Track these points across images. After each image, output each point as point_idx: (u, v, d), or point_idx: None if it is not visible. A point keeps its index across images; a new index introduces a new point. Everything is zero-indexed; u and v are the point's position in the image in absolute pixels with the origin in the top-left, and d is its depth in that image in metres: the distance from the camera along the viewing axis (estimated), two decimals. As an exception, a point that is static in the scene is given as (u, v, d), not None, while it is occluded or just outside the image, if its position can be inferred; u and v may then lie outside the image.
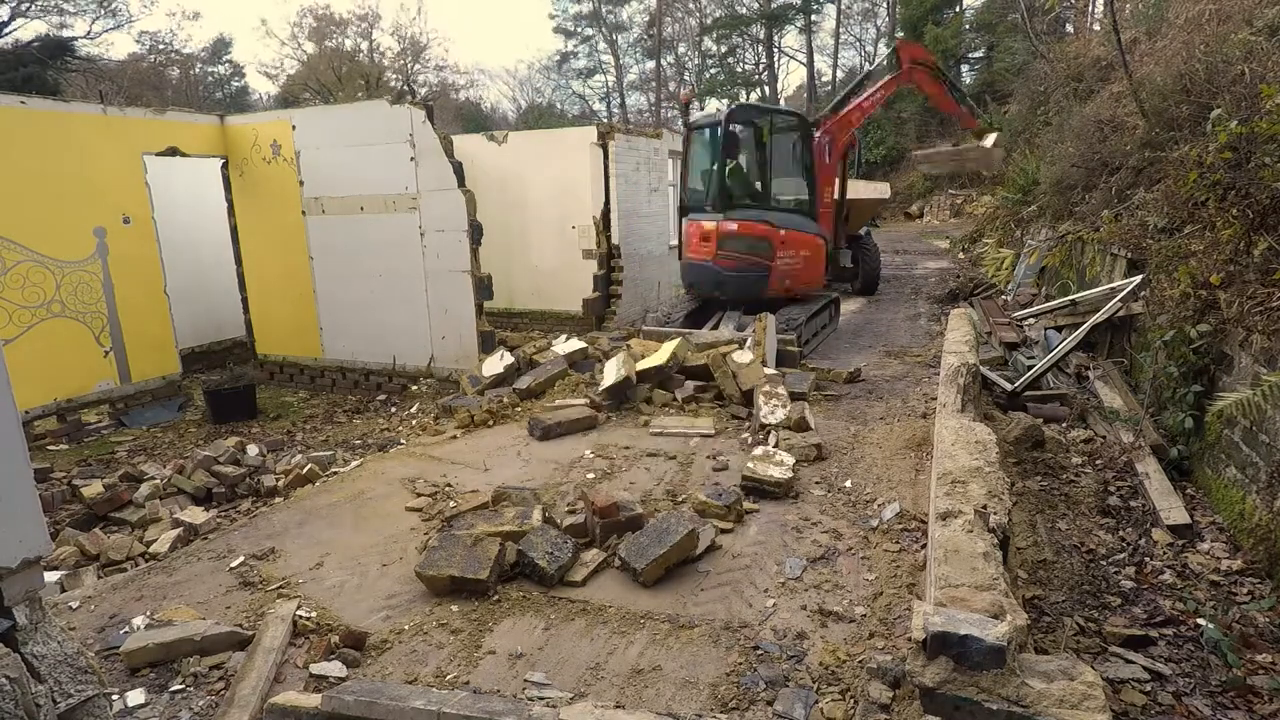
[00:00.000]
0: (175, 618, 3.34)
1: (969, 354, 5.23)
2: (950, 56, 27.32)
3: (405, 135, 7.72)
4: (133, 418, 7.88)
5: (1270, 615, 3.34)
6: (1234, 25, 6.63)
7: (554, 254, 10.87)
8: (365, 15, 35.05)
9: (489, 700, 2.64)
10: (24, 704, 1.66)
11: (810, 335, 8.48)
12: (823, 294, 9.45)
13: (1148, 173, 7.17)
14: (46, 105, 7.39)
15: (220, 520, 5.28)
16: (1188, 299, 5.00)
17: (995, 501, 2.89)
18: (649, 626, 3.24)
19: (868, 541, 3.91)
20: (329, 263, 8.54)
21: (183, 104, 22.85)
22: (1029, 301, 9.44)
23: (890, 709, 2.49)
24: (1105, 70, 11.12)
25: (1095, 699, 1.88)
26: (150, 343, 8.14)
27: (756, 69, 41.50)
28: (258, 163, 8.67)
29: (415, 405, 7.74)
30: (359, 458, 6.18)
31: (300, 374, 9.18)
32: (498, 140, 11.10)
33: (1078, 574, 3.79)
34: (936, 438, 3.81)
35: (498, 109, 40.83)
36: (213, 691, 2.92)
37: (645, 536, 3.69)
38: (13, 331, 6.97)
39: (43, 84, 19.80)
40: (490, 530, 3.88)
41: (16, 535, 1.68)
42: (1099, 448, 5.30)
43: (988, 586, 2.28)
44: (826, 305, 9.46)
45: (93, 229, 7.59)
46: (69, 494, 5.68)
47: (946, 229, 21.87)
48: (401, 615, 3.41)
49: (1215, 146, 5.01)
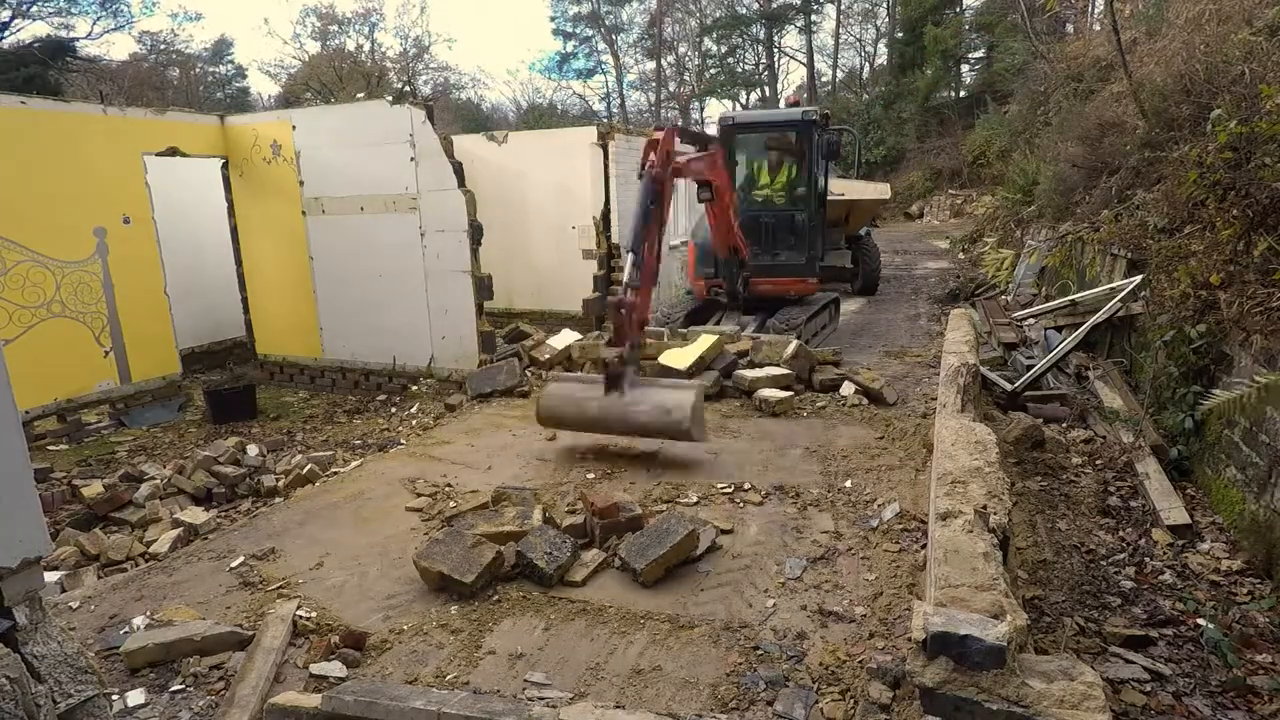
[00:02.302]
0: (175, 618, 3.34)
1: (969, 354, 5.23)
2: (950, 57, 27.34)
3: (405, 135, 7.71)
4: (133, 418, 7.87)
5: (1270, 615, 3.34)
6: (1234, 25, 6.63)
7: (554, 254, 10.86)
8: (368, 14, 34.94)
9: (489, 700, 2.64)
10: (24, 704, 1.66)
11: (810, 335, 8.48)
12: (821, 294, 9.42)
13: (1148, 173, 7.17)
14: (47, 105, 7.39)
15: (220, 520, 5.28)
16: (1188, 299, 5.01)
17: (995, 501, 2.88)
18: (649, 627, 3.24)
19: (868, 541, 3.91)
20: (329, 263, 8.53)
21: (183, 104, 22.86)
22: (1029, 301, 9.45)
23: (890, 709, 2.49)
24: (1105, 70, 11.13)
25: (1095, 699, 1.88)
26: (150, 343, 8.13)
27: (756, 69, 41.50)
28: (258, 163, 8.66)
29: (415, 405, 7.74)
30: (359, 458, 6.18)
31: (300, 374, 9.17)
32: (498, 140, 11.10)
33: (1078, 574, 3.79)
34: (936, 438, 3.81)
35: (498, 109, 40.84)
36: (213, 691, 2.92)
37: (645, 537, 3.69)
38: (13, 331, 6.97)
39: (44, 84, 19.81)
40: (490, 530, 3.88)
41: (16, 535, 1.68)
42: (1099, 448, 5.30)
43: (988, 586, 2.28)
44: (826, 305, 9.41)
45: (93, 229, 7.58)
46: (69, 494, 5.68)
47: (946, 229, 21.87)
48: (401, 615, 3.41)
49: (1215, 146, 5.01)
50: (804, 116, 8.80)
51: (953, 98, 28.98)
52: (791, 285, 8.92)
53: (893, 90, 30.23)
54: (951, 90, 29.44)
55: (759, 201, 9.17)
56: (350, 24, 34.88)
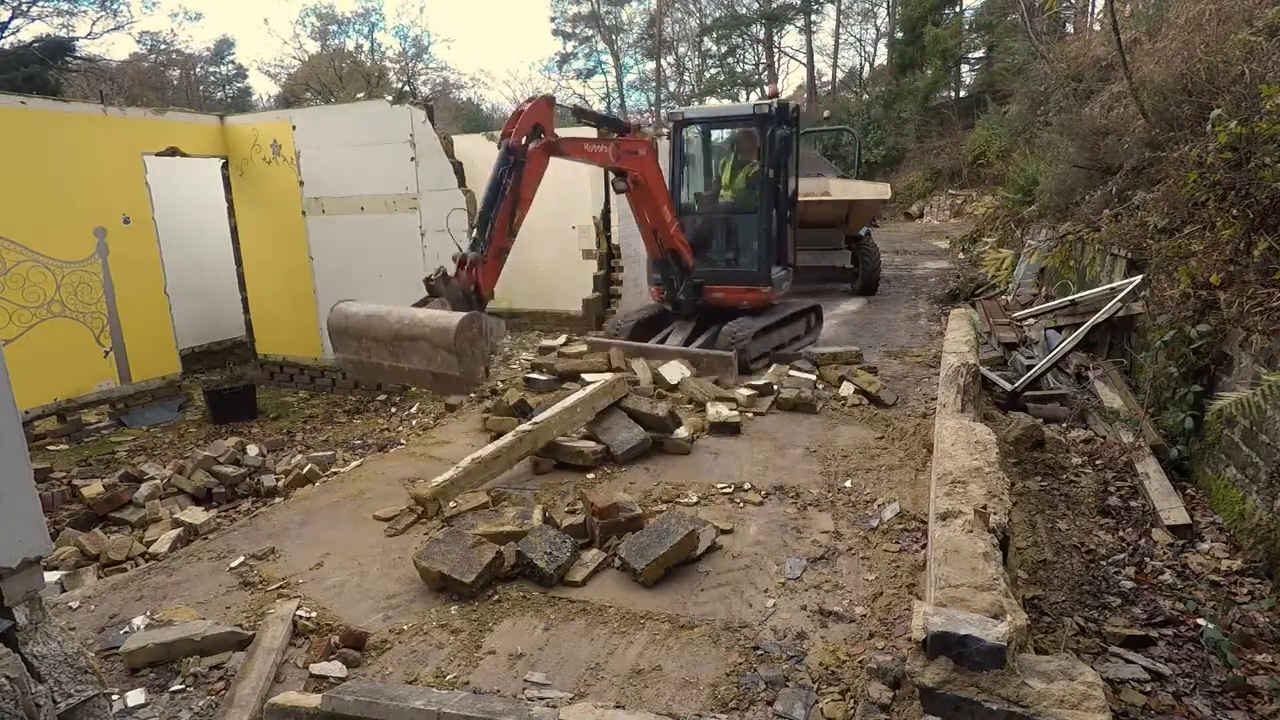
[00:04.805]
0: (175, 618, 3.34)
1: (969, 354, 5.23)
2: (950, 57, 27.32)
3: (405, 135, 7.71)
4: (133, 418, 7.88)
5: (1270, 615, 3.34)
6: (1234, 25, 6.63)
7: (554, 254, 10.86)
8: (367, 13, 35.07)
9: (489, 700, 2.64)
10: (24, 704, 1.66)
11: (773, 348, 7.73)
12: (795, 301, 8.61)
13: (1148, 173, 7.17)
14: (47, 105, 7.40)
15: (220, 520, 5.28)
16: (1188, 299, 5.01)
17: (995, 501, 2.89)
18: (649, 626, 3.23)
19: (868, 541, 3.91)
20: (329, 263, 8.54)
21: (184, 104, 22.88)
22: (1029, 301, 9.44)
23: (890, 709, 2.49)
24: (1105, 70, 11.13)
25: (1095, 699, 1.88)
26: (150, 343, 8.14)
27: (756, 69, 41.50)
28: (258, 163, 8.67)
29: (415, 405, 7.74)
30: (359, 458, 6.18)
31: (300, 374, 9.17)
32: (498, 140, 11.09)
33: (1078, 574, 3.79)
34: (936, 438, 3.81)
35: (498, 109, 40.85)
36: (213, 691, 2.92)
37: (645, 537, 3.69)
38: (13, 331, 6.97)
39: (44, 84, 19.80)
40: (490, 530, 3.88)
41: (16, 535, 1.68)
42: (1099, 448, 5.30)
43: (988, 586, 2.28)
44: (800, 314, 8.53)
45: (93, 229, 7.59)
46: (69, 494, 5.68)
47: (946, 229, 21.86)
48: (401, 615, 3.41)
49: (1215, 146, 5.01)
50: (755, 110, 7.97)
51: (953, 98, 28.96)
52: (743, 295, 7.95)
53: (892, 90, 30.21)
54: (951, 90, 29.43)
55: (714, 204, 8.42)
56: (350, 24, 34.94)
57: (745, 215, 8.06)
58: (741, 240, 8.08)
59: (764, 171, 7.85)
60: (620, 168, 6.70)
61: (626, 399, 5.44)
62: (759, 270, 7.91)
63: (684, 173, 8.37)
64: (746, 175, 8.18)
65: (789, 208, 8.24)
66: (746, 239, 8.03)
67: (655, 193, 7.11)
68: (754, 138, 7.98)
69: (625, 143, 6.68)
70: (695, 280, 7.88)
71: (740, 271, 8.03)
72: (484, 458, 4.65)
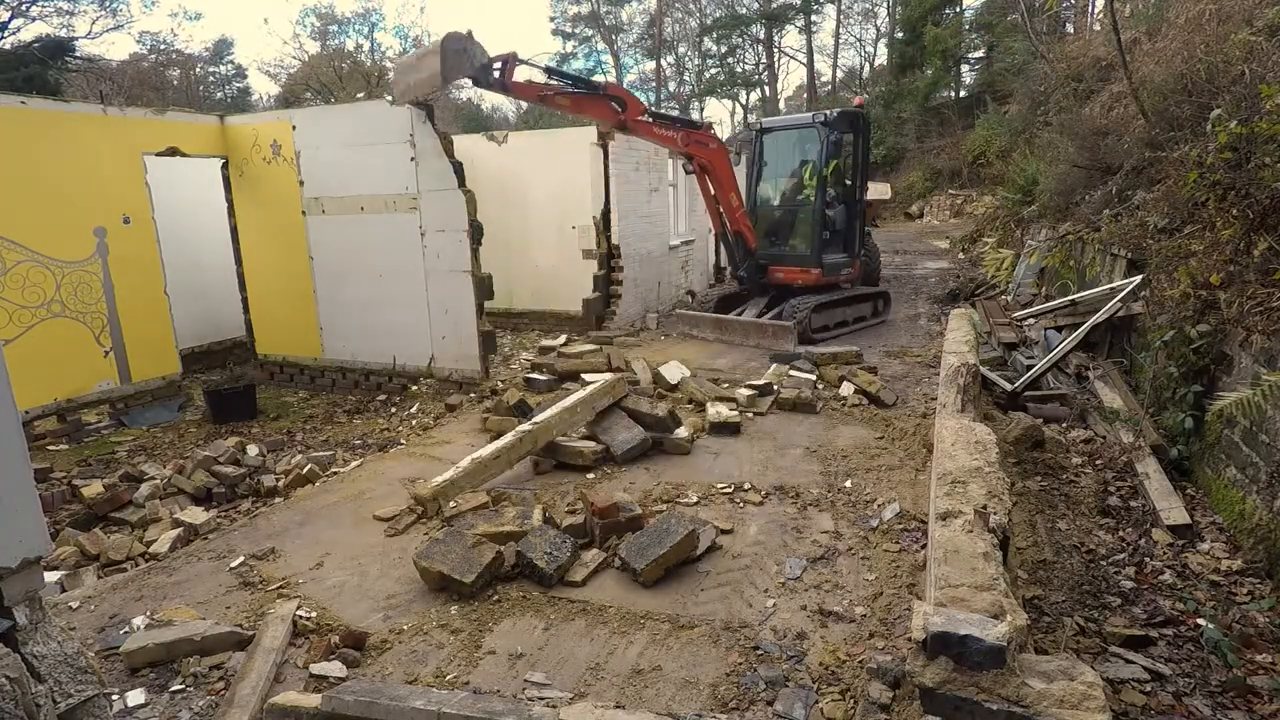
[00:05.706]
0: (175, 618, 3.34)
1: (969, 354, 5.23)
2: (950, 57, 27.32)
3: (405, 135, 7.71)
4: (133, 418, 7.87)
5: (1270, 615, 3.34)
6: (1234, 25, 6.63)
7: (554, 254, 10.86)
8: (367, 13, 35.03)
9: (489, 700, 2.64)
10: (24, 704, 1.66)
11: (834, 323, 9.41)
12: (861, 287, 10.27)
13: (1148, 173, 7.17)
14: (47, 105, 7.38)
15: (220, 520, 5.28)
16: (1188, 299, 5.00)
17: (995, 501, 2.88)
18: (649, 626, 3.23)
19: (868, 541, 3.91)
20: (329, 263, 8.53)
21: (183, 104, 22.88)
22: (1029, 301, 9.44)
23: (890, 709, 2.49)
24: (1105, 70, 11.13)
25: (1095, 699, 1.88)
26: (150, 343, 8.13)
27: (756, 69, 41.50)
28: (258, 163, 8.66)
29: (415, 405, 7.73)
30: (359, 458, 6.18)
31: (300, 374, 9.17)
32: (498, 140, 11.09)
33: (1078, 574, 3.79)
34: (936, 438, 3.81)
35: (498, 109, 40.78)
36: (213, 691, 2.92)
37: (645, 537, 3.69)
38: (13, 331, 6.97)
39: (43, 84, 19.79)
40: (490, 530, 3.88)
41: (16, 535, 1.68)
42: (1099, 448, 5.30)
43: (988, 586, 2.28)
44: (868, 298, 10.09)
45: (93, 229, 7.58)
46: (69, 494, 5.68)
47: (946, 229, 21.86)
48: (401, 615, 3.41)
49: (1215, 146, 5.00)
50: (814, 118, 9.72)
51: (953, 98, 28.97)
52: (796, 275, 9.68)
53: (893, 90, 30.21)
54: (951, 90, 29.43)
55: (780, 198, 10.27)
56: (350, 24, 34.92)
57: (802, 208, 9.83)
58: (797, 228, 9.89)
59: (819, 169, 9.43)
60: (688, 153, 8.54)
61: (626, 399, 5.45)
62: (811, 254, 9.60)
63: (761, 171, 10.28)
64: (808, 174, 9.78)
65: (854, 203, 10.05)
66: (801, 227, 9.84)
67: (723, 179, 8.87)
68: (816, 140, 9.52)
69: (696, 134, 8.61)
70: (760, 261, 9.73)
71: (796, 255, 9.82)
72: (484, 458, 4.66)
